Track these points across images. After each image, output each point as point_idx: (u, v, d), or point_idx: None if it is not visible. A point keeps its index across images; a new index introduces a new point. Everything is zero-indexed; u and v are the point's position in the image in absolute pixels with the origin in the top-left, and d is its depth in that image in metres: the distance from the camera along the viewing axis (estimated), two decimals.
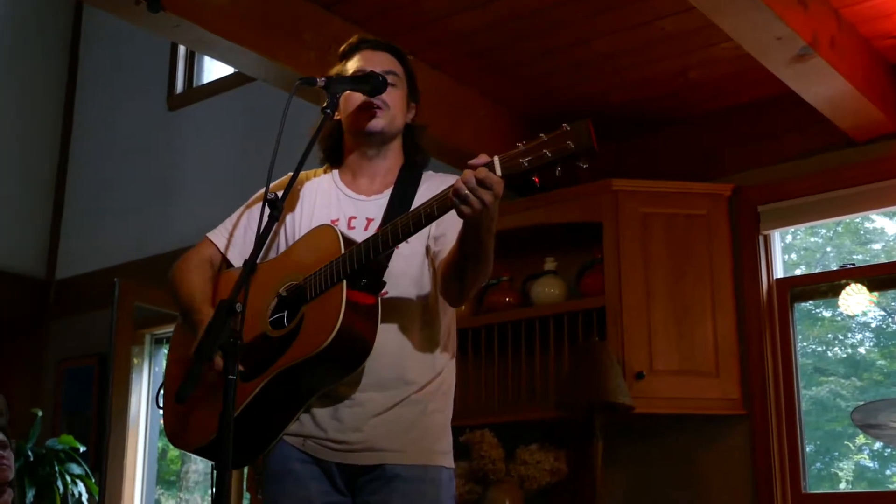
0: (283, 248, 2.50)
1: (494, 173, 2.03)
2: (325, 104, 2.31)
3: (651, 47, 4.06)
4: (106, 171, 6.96)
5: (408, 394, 2.36)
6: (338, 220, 2.45)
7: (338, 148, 2.57)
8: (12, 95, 7.05)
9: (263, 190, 2.32)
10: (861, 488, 4.48)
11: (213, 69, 6.60)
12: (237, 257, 2.53)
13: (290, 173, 2.39)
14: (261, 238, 2.13)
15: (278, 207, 2.15)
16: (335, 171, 2.57)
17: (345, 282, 2.21)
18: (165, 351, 6.60)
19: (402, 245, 2.33)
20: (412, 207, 2.33)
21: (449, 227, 2.28)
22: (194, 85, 6.70)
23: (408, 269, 2.40)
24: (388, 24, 3.87)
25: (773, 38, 3.36)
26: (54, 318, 6.95)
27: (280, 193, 2.21)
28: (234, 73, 5.90)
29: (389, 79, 2.47)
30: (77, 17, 7.49)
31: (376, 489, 2.33)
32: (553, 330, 4.45)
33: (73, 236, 7.08)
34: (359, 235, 2.34)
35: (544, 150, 1.99)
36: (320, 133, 2.36)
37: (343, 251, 2.24)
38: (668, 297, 4.24)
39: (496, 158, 2.04)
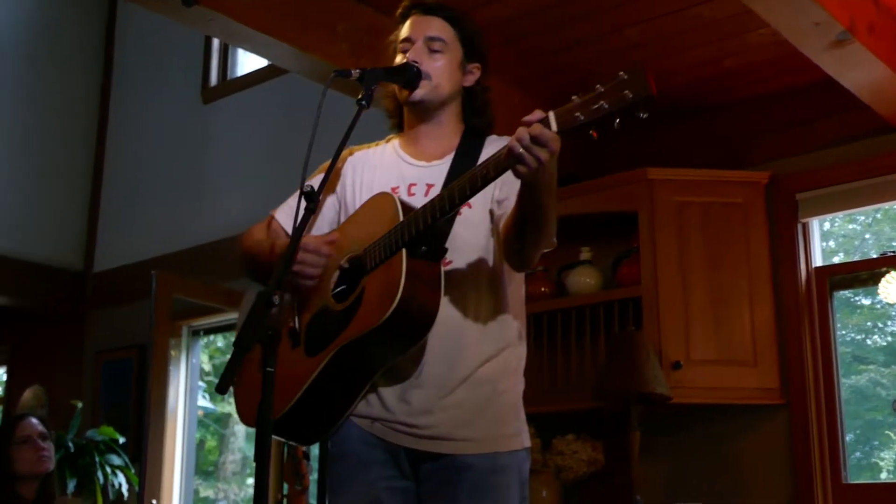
0: (343, 217, 2.47)
1: (549, 129, 1.98)
2: (360, 96, 2.28)
3: (687, 34, 4.03)
4: (141, 165, 7.01)
5: (473, 368, 2.29)
6: (398, 187, 2.40)
7: (401, 111, 2.54)
8: (49, 90, 7.12)
9: (327, 162, 2.30)
10: None
11: (247, 62, 6.62)
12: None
13: (346, 151, 2.38)
14: (297, 230, 2.11)
15: (315, 200, 2.13)
16: (396, 140, 2.54)
17: (404, 250, 2.16)
18: (203, 343, 6.65)
19: (466, 211, 2.29)
20: None
21: (512, 189, 2.18)
22: (228, 78, 6.73)
23: (472, 237, 2.34)
24: None
25: (811, 24, 3.32)
26: (93, 311, 7.02)
27: (316, 186, 2.19)
28: (268, 65, 5.92)
29: (435, 45, 2.43)
30: (112, 12, 7.55)
31: (445, 479, 2.28)
32: (589, 320, 4.43)
33: (110, 229, 7.15)
34: (419, 202, 2.25)
35: (601, 102, 1.93)
36: (355, 125, 2.33)
37: (402, 218, 2.19)
38: (705, 286, 4.21)
39: (551, 113, 1.98)
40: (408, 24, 2.50)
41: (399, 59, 2.46)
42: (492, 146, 2.41)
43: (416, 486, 2.32)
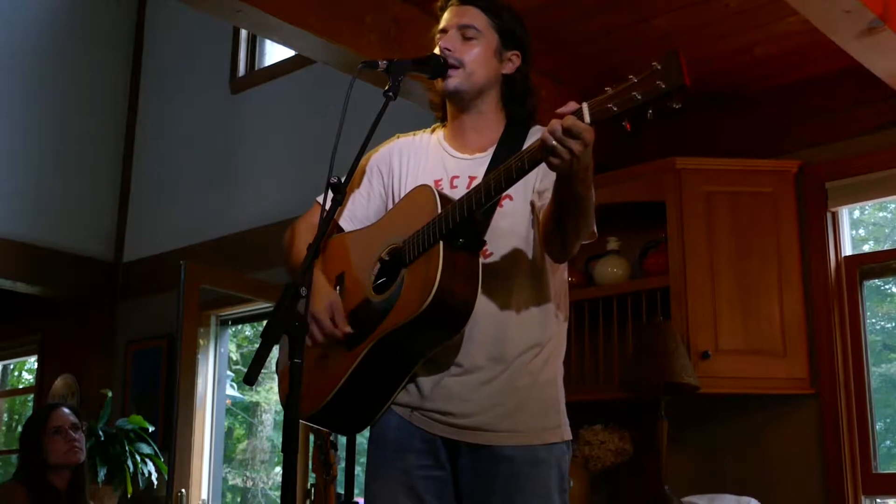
0: (389, 206, 2.49)
1: (583, 121, 1.96)
2: (387, 87, 2.29)
3: (716, 24, 4.01)
4: (171, 155, 7.05)
5: (515, 358, 2.30)
6: (440, 179, 2.41)
7: (445, 104, 2.54)
8: (78, 82, 7.17)
9: (369, 155, 2.33)
10: None
11: (275, 52, 6.64)
12: (346, 221, 2.52)
13: (385, 143, 2.41)
14: (325, 222, 2.11)
15: (342, 192, 2.13)
16: (441, 132, 2.54)
17: (442, 242, 2.17)
18: (231, 332, 6.68)
19: (507, 203, 2.30)
20: None
21: (552, 181, 2.17)
22: (256, 68, 6.75)
23: (513, 228, 2.34)
24: None
25: (842, 12, 3.29)
26: (123, 301, 7.07)
27: (344, 178, 2.19)
28: (296, 55, 5.93)
29: (469, 33, 2.43)
30: (141, 2, 7.59)
31: (483, 471, 2.28)
32: (616, 310, 4.42)
33: (139, 219, 7.20)
34: (461, 195, 2.25)
35: (633, 93, 1.92)
36: (382, 116, 2.33)
37: (439, 210, 2.20)
38: (734, 275, 4.19)
39: (584, 105, 1.97)
40: (445, 15, 2.50)
41: (437, 51, 2.47)
42: (534, 137, 2.36)
43: (452, 477, 2.33)
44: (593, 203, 2.16)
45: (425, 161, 2.48)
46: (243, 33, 6.77)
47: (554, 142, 1.96)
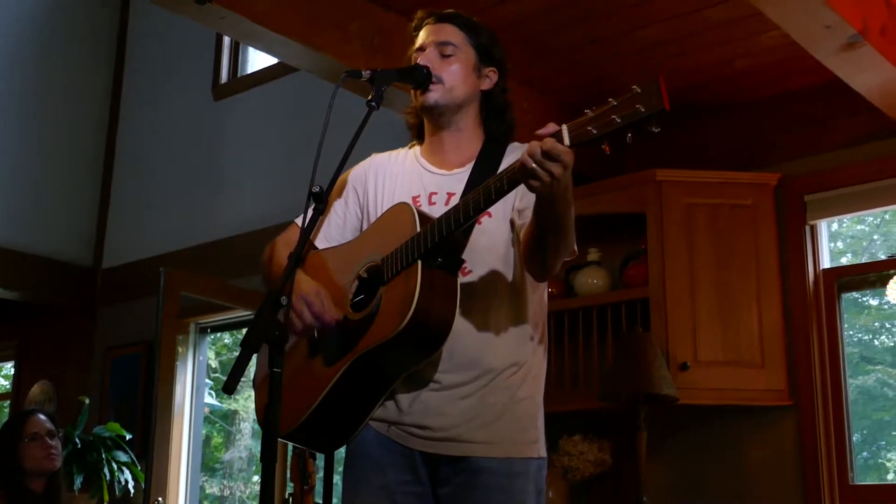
0: (365, 226, 2.49)
1: (562, 143, 1.96)
2: (370, 97, 2.28)
3: (697, 36, 4.03)
4: (152, 161, 7.03)
5: (494, 376, 2.30)
6: (418, 195, 2.41)
7: (422, 124, 2.54)
8: (60, 85, 7.13)
9: (346, 173, 2.32)
10: None
11: (258, 59, 6.63)
12: (322, 241, 2.51)
13: (370, 157, 2.43)
14: (305, 232, 2.11)
15: (323, 201, 2.13)
16: (418, 148, 2.54)
17: (420, 261, 2.16)
18: (210, 340, 6.66)
19: (486, 220, 2.30)
20: None
21: (532, 199, 2.17)
22: (239, 75, 6.74)
23: (492, 245, 2.34)
24: None
25: (822, 27, 3.31)
26: (102, 307, 7.03)
27: (326, 187, 2.19)
28: (279, 63, 5.93)
29: (447, 50, 2.44)
30: (124, 8, 7.56)
31: (461, 482, 2.27)
32: (596, 321, 4.43)
33: (120, 225, 7.17)
34: (440, 211, 2.26)
35: (613, 116, 1.92)
36: (364, 125, 2.33)
37: (418, 229, 2.20)
38: (713, 287, 4.21)
39: (564, 127, 1.97)
40: (422, 32, 2.52)
41: None
42: (513, 154, 2.41)
43: (432, 491, 2.32)
44: (573, 222, 2.17)
45: (402, 178, 2.48)
46: (226, 40, 6.76)
47: (533, 164, 1.96)
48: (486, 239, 2.33)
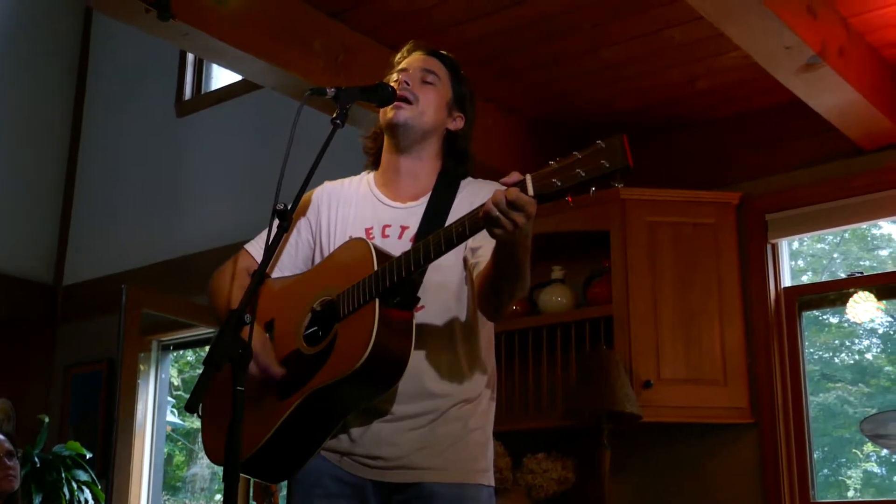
0: (318, 255, 2.47)
1: (526, 193, 1.96)
2: (334, 115, 2.28)
3: (660, 56, 4.07)
4: (114, 177, 6.97)
5: (446, 409, 2.31)
6: (371, 227, 2.40)
7: (380, 151, 2.54)
8: (20, 101, 7.06)
9: (308, 194, 2.31)
10: (869, 495, 4.47)
11: (222, 76, 6.61)
12: (275, 271, 2.49)
13: (322, 185, 2.41)
14: (269, 249, 2.10)
15: (287, 218, 2.12)
16: (371, 176, 2.53)
17: (377, 300, 2.16)
18: (172, 357, 6.60)
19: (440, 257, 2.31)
20: (448, 217, 2.30)
21: (486, 238, 2.16)
22: (203, 91, 6.71)
23: (445, 281, 2.34)
24: (398, 33, 3.84)
25: (782, 48, 3.36)
26: (62, 324, 6.95)
27: (290, 205, 2.18)
28: (243, 79, 5.91)
29: (429, 77, 2.46)
30: (86, 23, 7.50)
31: None
32: (560, 338, 4.44)
33: (81, 242, 7.09)
34: (393, 244, 2.30)
35: (577, 170, 1.91)
36: (329, 143, 2.31)
37: (376, 267, 2.19)
38: (676, 305, 4.24)
39: (528, 178, 1.96)
40: (409, 58, 2.54)
41: (392, 83, 2.47)
42: (467, 188, 2.43)
43: None
44: (529, 268, 2.17)
45: (355, 209, 2.47)
46: (190, 56, 6.73)
47: (498, 213, 1.96)
48: (440, 276, 2.33)
